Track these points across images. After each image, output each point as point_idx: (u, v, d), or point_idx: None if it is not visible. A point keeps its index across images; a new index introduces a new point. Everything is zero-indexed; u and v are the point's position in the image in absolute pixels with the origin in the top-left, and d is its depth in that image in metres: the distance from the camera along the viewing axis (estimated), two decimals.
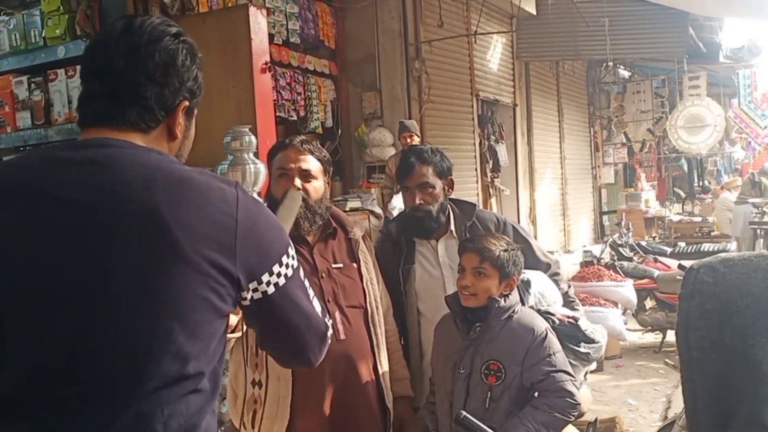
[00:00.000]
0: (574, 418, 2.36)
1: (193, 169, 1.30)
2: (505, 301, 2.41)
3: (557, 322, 2.49)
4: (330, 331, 1.48)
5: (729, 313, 1.17)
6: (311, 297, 1.44)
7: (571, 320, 2.55)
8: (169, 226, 1.19)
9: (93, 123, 1.32)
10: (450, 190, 2.84)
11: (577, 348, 2.50)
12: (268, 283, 1.32)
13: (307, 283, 1.44)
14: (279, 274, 1.34)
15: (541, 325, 2.43)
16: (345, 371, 2.37)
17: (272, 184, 2.49)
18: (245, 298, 1.32)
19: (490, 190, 9.55)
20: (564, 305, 2.71)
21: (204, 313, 1.24)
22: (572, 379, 2.37)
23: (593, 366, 2.90)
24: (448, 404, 2.40)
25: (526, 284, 2.58)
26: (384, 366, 2.51)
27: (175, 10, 4.83)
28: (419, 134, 6.70)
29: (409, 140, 6.53)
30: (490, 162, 9.55)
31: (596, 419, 3.42)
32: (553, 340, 2.41)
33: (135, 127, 1.31)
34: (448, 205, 2.84)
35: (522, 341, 2.36)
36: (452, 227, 2.81)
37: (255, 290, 1.32)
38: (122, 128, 1.30)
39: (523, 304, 2.51)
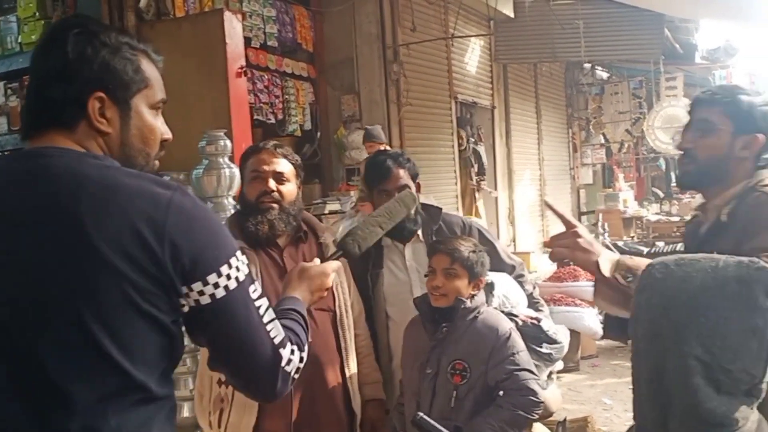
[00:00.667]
0: (537, 416, 2.42)
1: (129, 174, 1.29)
2: (471, 301, 2.45)
3: (520, 323, 2.55)
4: (288, 364, 1.37)
5: (668, 307, 1.24)
6: (265, 322, 1.35)
7: (534, 321, 2.60)
8: (92, 235, 1.20)
9: (29, 132, 1.35)
10: (419, 193, 2.89)
11: (539, 348, 2.56)
12: (201, 293, 1.28)
13: (263, 308, 1.36)
14: (217, 285, 1.28)
15: (506, 324, 2.49)
16: (311, 373, 2.39)
17: (245, 187, 2.52)
18: (183, 305, 1.29)
19: (476, 194, 9.59)
20: (529, 306, 2.76)
21: (136, 321, 1.23)
22: (535, 378, 2.43)
23: (559, 366, 2.96)
24: (415, 404, 2.44)
25: (490, 286, 2.63)
26: (351, 369, 2.54)
27: (150, 15, 4.84)
28: (385, 141, 6.65)
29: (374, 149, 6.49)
30: (476, 165, 9.58)
31: (565, 419, 3.48)
32: (517, 340, 2.46)
33: (58, 128, 1.32)
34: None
35: (487, 341, 2.42)
36: (419, 231, 2.85)
37: (187, 296, 1.28)
38: (49, 132, 1.32)
39: (487, 305, 2.56)
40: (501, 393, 2.40)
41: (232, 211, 3.95)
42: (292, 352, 1.39)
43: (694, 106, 2.09)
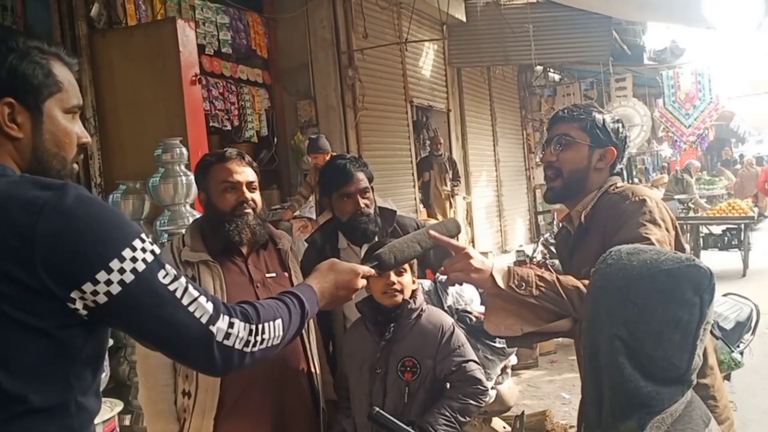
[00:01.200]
0: (484, 404, 2.50)
1: (10, 182, 1.26)
2: (415, 302, 2.52)
3: (474, 320, 2.61)
4: (227, 338, 1.35)
5: (606, 290, 1.34)
6: (185, 303, 1.32)
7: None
8: None
9: None
10: (373, 194, 2.93)
11: (492, 343, 2.64)
12: (95, 293, 1.23)
13: (179, 290, 1.32)
14: (110, 282, 1.23)
15: (448, 320, 2.58)
16: (279, 376, 2.43)
17: (216, 198, 2.46)
18: (75, 308, 1.23)
19: (451, 200, 9.67)
20: (482, 303, 2.83)
21: (6, 330, 1.20)
22: (480, 368, 2.52)
23: (513, 360, 3.04)
24: (367, 405, 2.48)
25: (444, 285, 2.69)
26: (317, 369, 2.58)
27: (102, 24, 4.80)
28: (330, 150, 6.61)
29: (319, 160, 6.50)
30: (450, 171, 9.65)
31: (523, 412, 3.57)
32: (459, 334, 2.56)
33: None
34: None
35: (433, 336, 2.49)
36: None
37: (82, 297, 1.23)
38: None
39: (441, 303, 2.63)
40: (449, 385, 2.49)
41: (190, 220, 3.96)
42: (231, 325, 1.36)
43: (553, 123, 2.25)
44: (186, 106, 4.38)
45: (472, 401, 2.45)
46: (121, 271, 1.24)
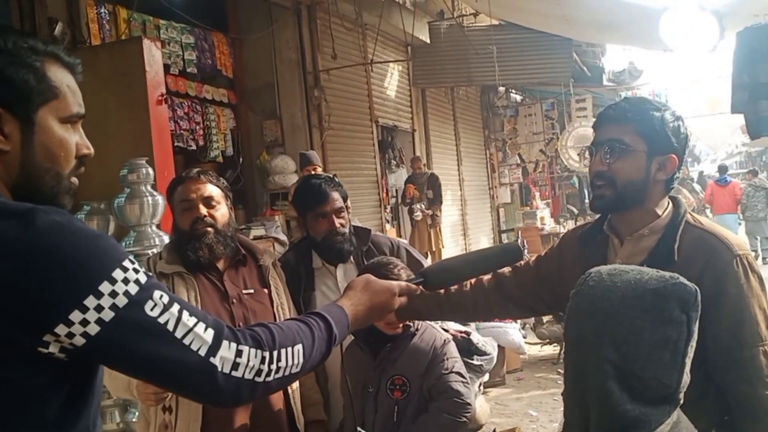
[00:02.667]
0: (465, 419, 2.48)
1: None
2: (414, 324, 2.52)
3: (450, 337, 2.63)
4: (235, 369, 1.21)
5: (592, 313, 1.32)
6: (179, 336, 1.17)
7: (463, 335, 2.69)
8: None
9: None
10: (348, 214, 2.93)
11: (470, 360, 2.65)
12: (71, 335, 1.08)
13: (171, 321, 1.16)
14: (85, 322, 1.08)
15: (441, 336, 2.57)
16: None
17: (177, 218, 2.50)
18: (48, 353, 1.09)
19: (430, 231, 9.64)
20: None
21: None
22: (462, 380, 2.50)
23: (486, 377, 3.06)
24: (360, 423, 2.47)
25: None
26: (294, 389, 2.56)
27: (65, 43, 4.75)
28: (321, 165, 6.73)
29: (313, 173, 6.56)
30: (430, 191, 9.56)
31: (494, 430, 3.58)
32: (451, 348, 2.54)
33: None
34: None
35: (424, 354, 2.49)
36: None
37: (57, 341, 1.08)
38: None
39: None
40: (430, 399, 2.48)
41: (156, 241, 3.93)
42: (239, 353, 1.21)
43: (601, 124, 1.92)
44: (152, 125, 4.34)
45: (449, 415, 2.41)
46: (99, 308, 1.09)
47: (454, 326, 2.78)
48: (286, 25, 7.71)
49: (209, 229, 2.42)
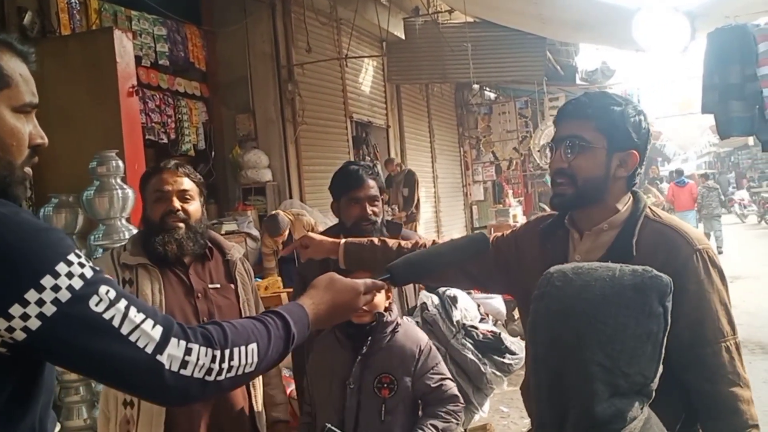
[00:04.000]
0: (461, 422, 2.49)
1: None
2: (390, 315, 2.49)
3: (480, 336, 2.60)
4: (184, 367, 1.17)
5: (568, 315, 1.30)
6: (125, 333, 1.14)
7: (493, 333, 2.67)
8: None
9: None
10: (384, 205, 2.92)
11: (501, 359, 2.62)
12: (10, 329, 1.06)
13: (117, 317, 1.13)
14: (26, 316, 1.06)
15: (424, 337, 2.54)
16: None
17: (149, 209, 2.45)
18: None
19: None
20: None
21: None
22: (454, 383, 2.51)
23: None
24: (339, 419, 2.42)
25: (453, 300, 2.69)
26: (257, 388, 2.54)
27: (35, 33, 4.66)
28: (286, 228, 6.52)
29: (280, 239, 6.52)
30: (405, 190, 9.51)
31: (466, 429, 3.58)
32: (435, 351, 2.53)
33: None
34: None
35: (411, 353, 2.45)
36: None
37: None
38: None
39: (450, 318, 2.61)
40: (422, 403, 2.46)
41: (126, 234, 3.86)
42: (188, 351, 1.18)
43: (561, 120, 1.88)
44: (123, 118, 4.27)
45: (452, 419, 2.42)
46: (40, 302, 1.06)
47: (483, 326, 2.76)
48: (261, 19, 7.65)
49: (181, 224, 2.38)
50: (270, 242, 6.79)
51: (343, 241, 2.05)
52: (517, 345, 2.81)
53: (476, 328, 2.71)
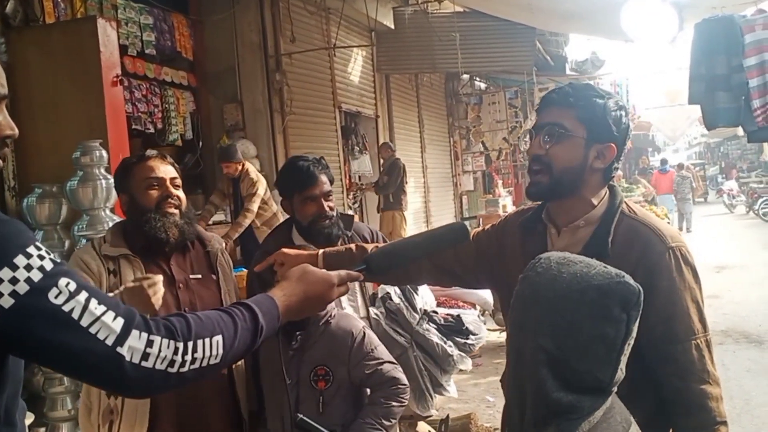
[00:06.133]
0: (406, 401, 2.51)
1: None
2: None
3: (442, 320, 2.64)
4: (145, 359, 1.17)
5: (534, 301, 1.32)
6: (85, 325, 1.13)
7: (452, 316, 2.72)
8: None
9: None
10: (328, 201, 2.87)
11: (465, 340, 2.66)
12: None
13: (77, 309, 1.13)
14: None
15: (358, 324, 2.57)
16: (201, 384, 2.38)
17: (140, 197, 2.41)
18: None
19: (395, 216, 9.54)
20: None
21: None
22: (395, 365, 2.52)
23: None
24: (279, 416, 2.45)
25: (414, 288, 2.71)
26: (240, 377, 2.54)
27: (17, 21, 4.61)
28: (240, 159, 6.64)
29: (229, 170, 6.55)
30: (386, 177, 9.40)
31: (448, 416, 3.61)
32: (372, 336, 2.55)
33: None
34: None
35: (344, 342, 2.48)
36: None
37: None
38: None
39: (414, 305, 2.63)
40: (368, 390, 2.49)
41: (110, 225, 3.85)
42: (150, 343, 1.17)
43: (544, 107, 1.88)
44: (107, 107, 4.25)
45: (394, 402, 2.45)
46: None
47: (442, 311, 2.81)
48: (249, 8, 7.60)
49: (176, 210, 2.40)
50: (218, 200, 6.89)
51: (320, 252, 2.04)
52: (475, 325, 2.88)
53: (436, 312, 2.76)
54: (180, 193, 2.44)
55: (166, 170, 2.43)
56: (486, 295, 7.13)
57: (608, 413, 1.31)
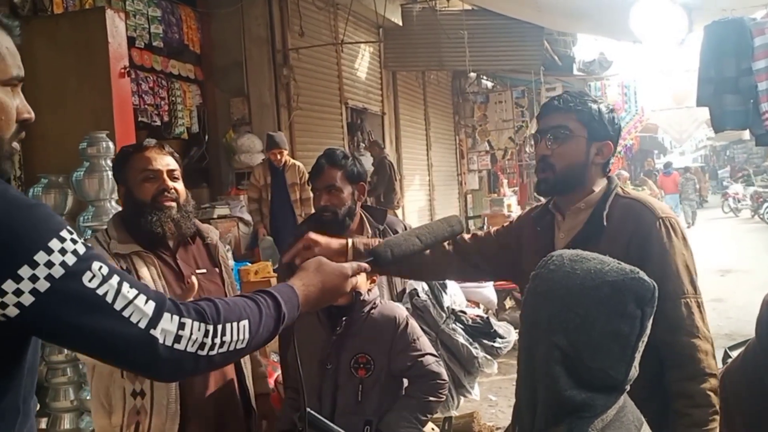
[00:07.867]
0: (445, 398, 2.48)
1: None
2: (368, 294, 2.48)
3: (470, 321, 2.62)
4: (177, 342, 1.18)
5: (548, 297, 1.31)
6: (119, 308, 1.14)
7: (481, 318, 2.69)
8: None
9: None
10: (361, 195, 2.87)
11: (492, 343, 2.64)
12: (3, 305, 1.05)
13: (111, 293, 1.14)
14: (19, 291, 1.06)
15: (402, 313, 2.53)
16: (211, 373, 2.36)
17: (135, 189, 2.32)
18: None
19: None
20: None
21: None
22: (437, 359, 2.50)
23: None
24: (317, 400, 2.42)
25: (443, 286, 2.70)
26: (248, 368, 2.53)
27: (26, 11, 4.62)
28: (287, 148, 6.64)
29: (279, 157, 6.51)
30: (375, 177, 9.28)
31: (451, 416, 3.59)
32: (415, 326, 2.51)
33: None
34: (360, 211, 2.89)
35: (386, 331, 2.45)
36: (369, 232, 2.87)
37: None
38: None
39: (441, 304, 2.61)
40: (406, 382, 2.45)
41: None
42: (182, 326, 1.18)
43: (546, 113, 2.09)
44: (114, 99, 4.24)
45: (432, 397, 2.42)
46: (34, 278, 1.06)
47: (471, 311, 2.79)
48: (256, 2, 7.59)
49: (173, 203, 2.31)
50: (253, 193, 6.79)
51: (350, 241, 2.06)
52: (504, 329, 2.85)
53: (465, 313, 2.74)
54: (178, 185, 2.35)
55: (164, 161, 2.33)
56: (490, 294, 7.11)
57: (621, 412, 1.29)
